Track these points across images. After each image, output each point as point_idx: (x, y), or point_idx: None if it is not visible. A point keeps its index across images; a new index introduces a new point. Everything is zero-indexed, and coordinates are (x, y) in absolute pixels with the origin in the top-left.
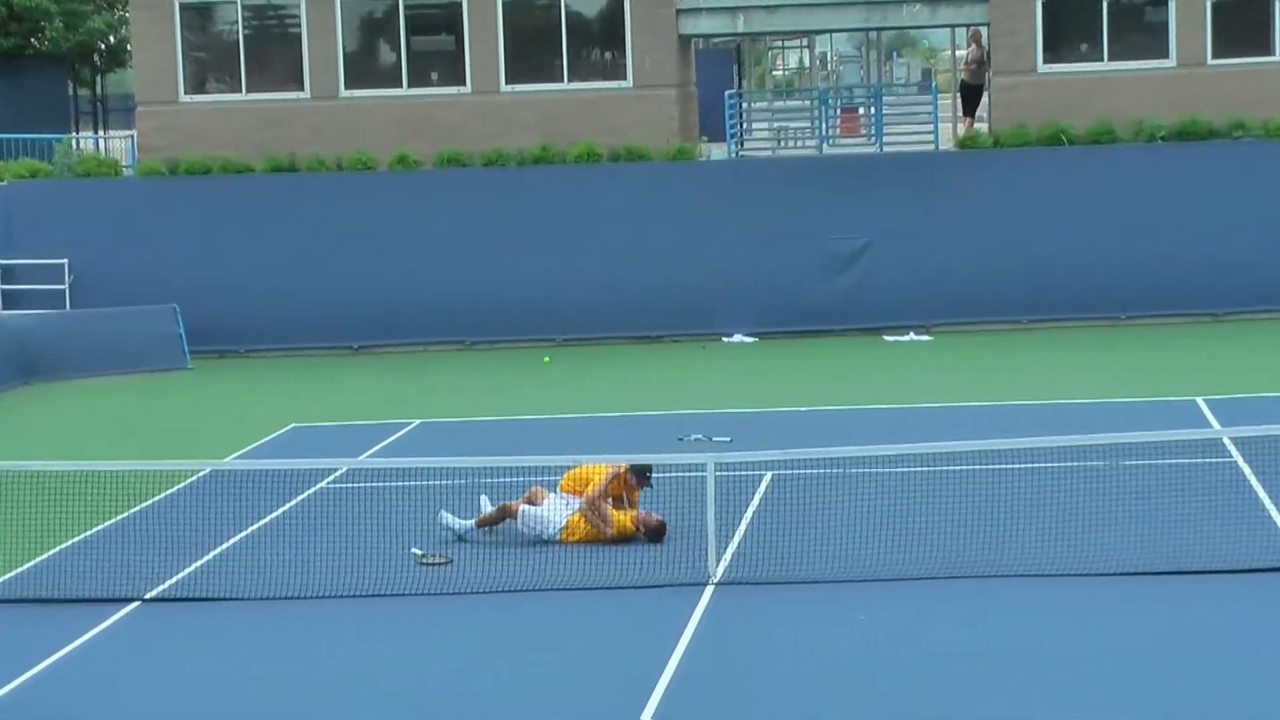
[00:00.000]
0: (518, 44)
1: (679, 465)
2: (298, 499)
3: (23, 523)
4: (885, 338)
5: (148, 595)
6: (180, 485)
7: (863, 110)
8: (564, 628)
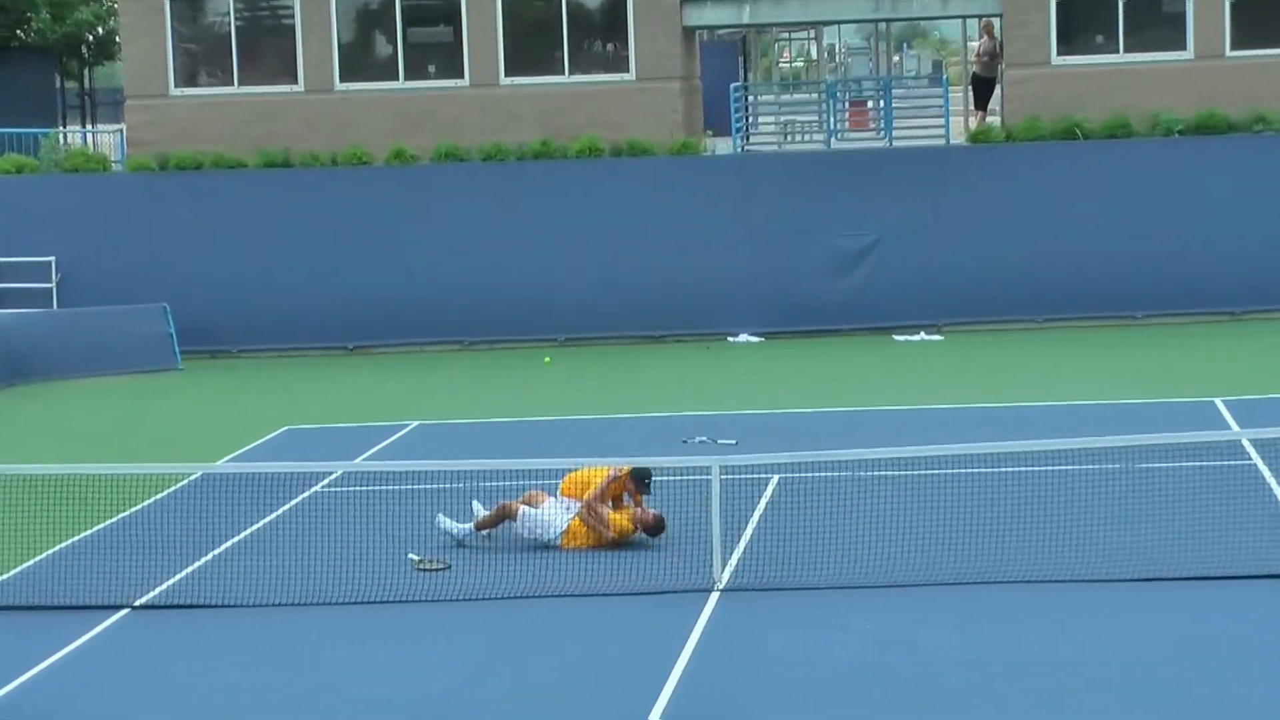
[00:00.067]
0: (517, 35)
1: (683, 468)
2: (292, 503)
3: (9, 528)
4: (894, 337)
5: (137, 602)
6: (171, 489)
7: (871, 104)
8: (566, 635)
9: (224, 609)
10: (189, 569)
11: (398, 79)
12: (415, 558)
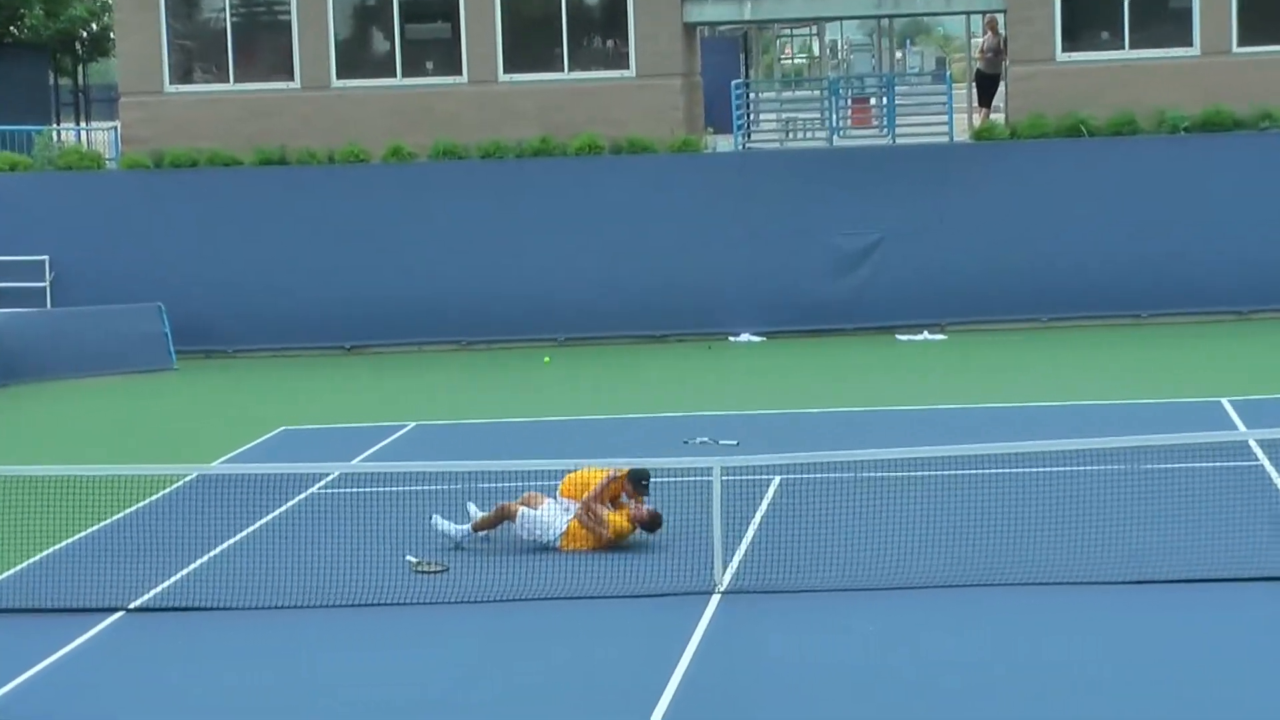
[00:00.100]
0: (516, 31)
1: (684, 469)
2: (288, 504)
3: (3, 530)
4: (897, 337)
5: (132, 605)
6: (166, 490)
7: (874, 101)
8: (565, 637)
9: (220, 611)
10: (185, 571)
11: (395, 76)
12: (413, 560)
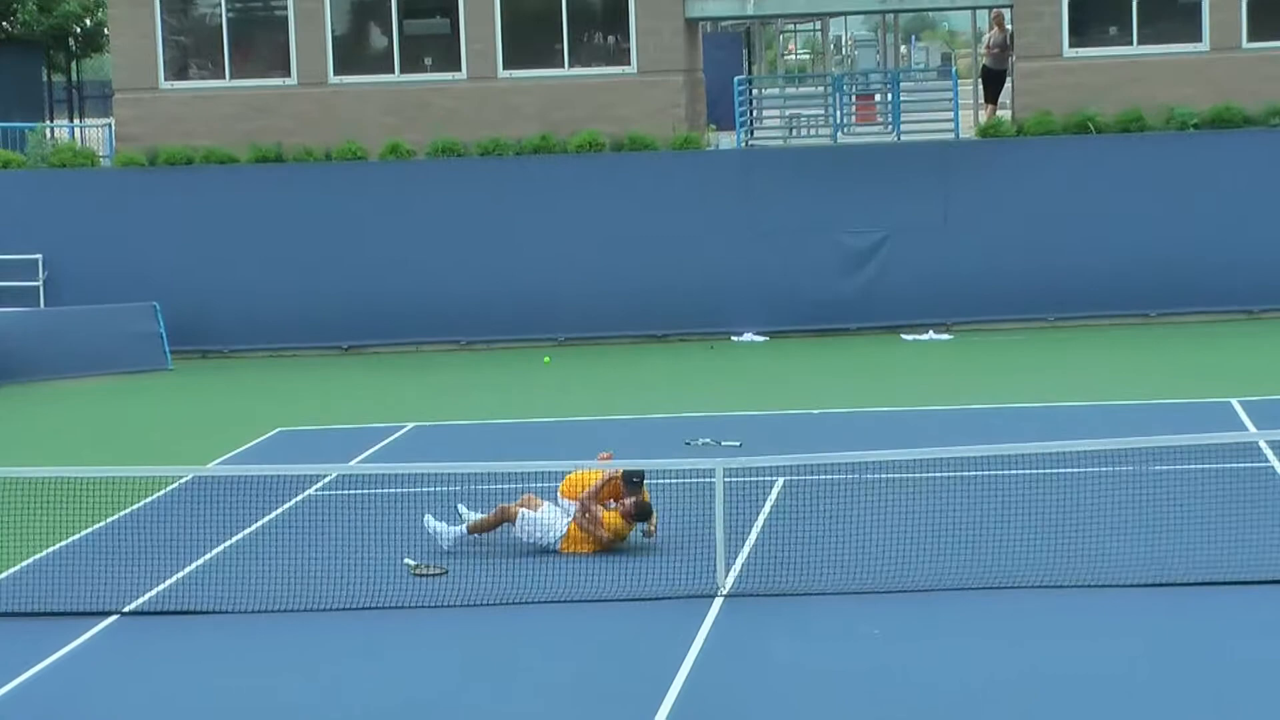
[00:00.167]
0: (516, 27)
1: (686, 471)
2: (285, 506)
3: None
4: (903, 336)
5: (126, 608)
6: (161, 492)
7: (879, 97)
8: (564, 642)
9: (215, 615)
10: (179, 574)
11: (393, 72)
12: (411, 563)
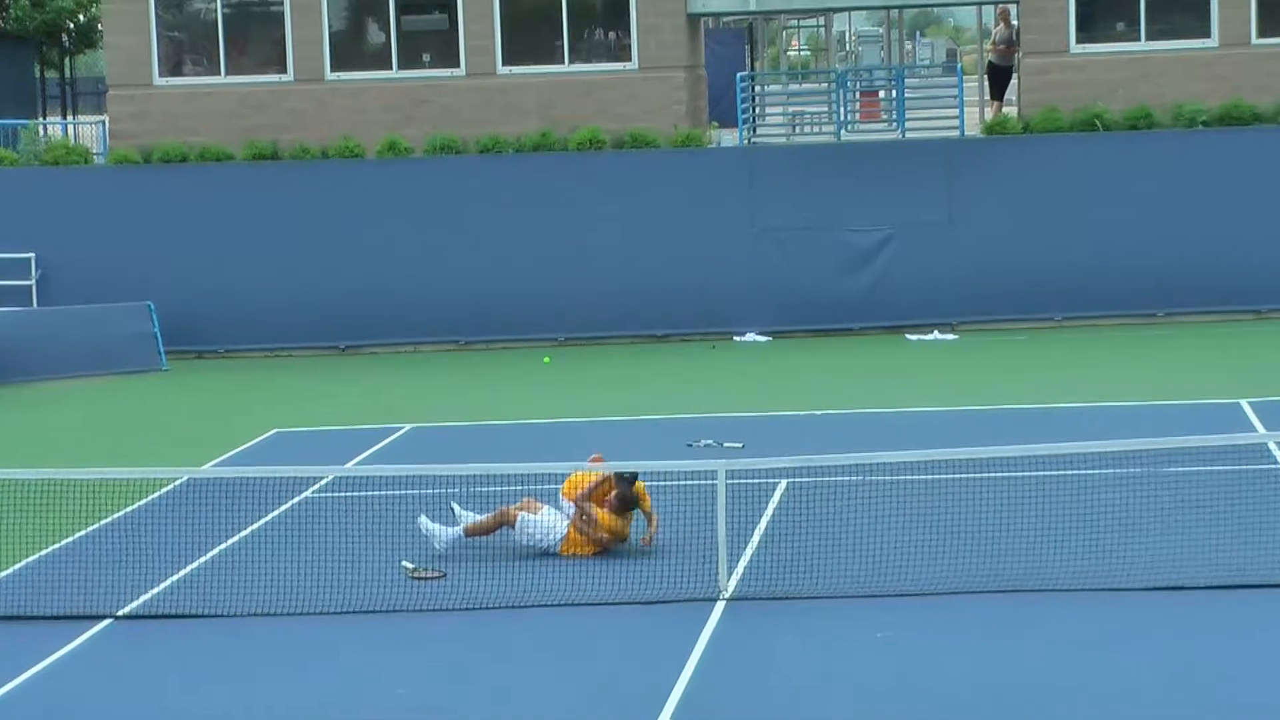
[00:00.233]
0: (515, 23)
1: (688, 472)
2: (281, 509)
3: None
4: (907, 337)
5: (120, 612)
6: (155, 494)
7: (883, 94)
8: (564, 645)
9: (210, 619)
10: (174, 577)
11: (391, 68)
12: (409, 566)
